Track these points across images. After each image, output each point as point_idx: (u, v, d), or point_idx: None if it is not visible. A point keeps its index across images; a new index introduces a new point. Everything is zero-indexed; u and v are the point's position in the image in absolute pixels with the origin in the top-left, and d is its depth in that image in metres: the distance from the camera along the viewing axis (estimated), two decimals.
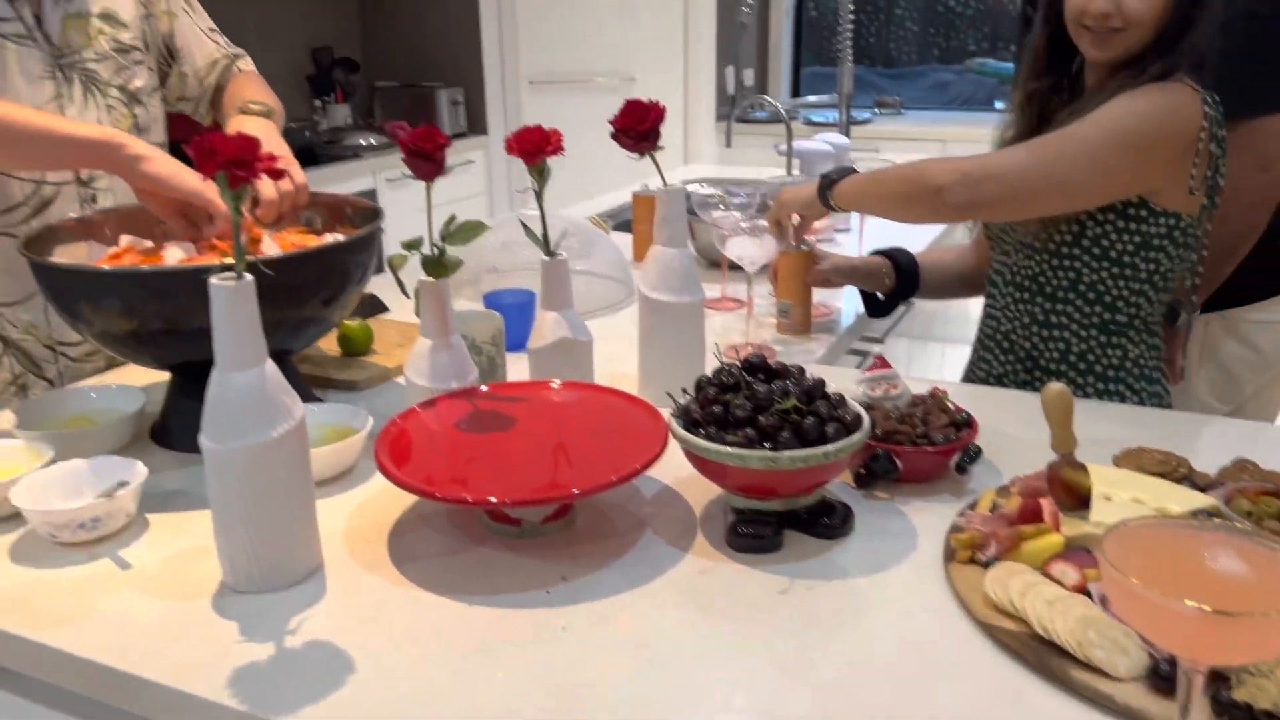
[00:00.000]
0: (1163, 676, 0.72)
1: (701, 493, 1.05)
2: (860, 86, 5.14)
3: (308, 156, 3.44)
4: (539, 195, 1.13)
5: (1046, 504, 0.91)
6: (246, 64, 1.56)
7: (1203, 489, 0.96)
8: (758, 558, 0.93)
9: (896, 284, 1.57)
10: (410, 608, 0.87)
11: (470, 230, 1.06)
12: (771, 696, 0.75)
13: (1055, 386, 0.92)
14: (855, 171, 1.43)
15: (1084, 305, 1.35)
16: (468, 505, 0.94)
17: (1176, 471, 1.00)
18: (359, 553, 0.96)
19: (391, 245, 1.24)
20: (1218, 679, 0.71)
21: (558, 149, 1.09)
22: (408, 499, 1.05)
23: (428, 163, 1.01)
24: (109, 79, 1.37)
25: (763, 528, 0.94)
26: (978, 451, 1.06)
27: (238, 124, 1.33)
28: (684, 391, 1.02)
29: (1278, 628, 0.53)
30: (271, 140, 1.29)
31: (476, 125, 4.04)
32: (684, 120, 4.77)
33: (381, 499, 1.06)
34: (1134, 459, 1.03)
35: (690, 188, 1.97)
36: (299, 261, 1.07)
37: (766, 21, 5.17)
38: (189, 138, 0.78)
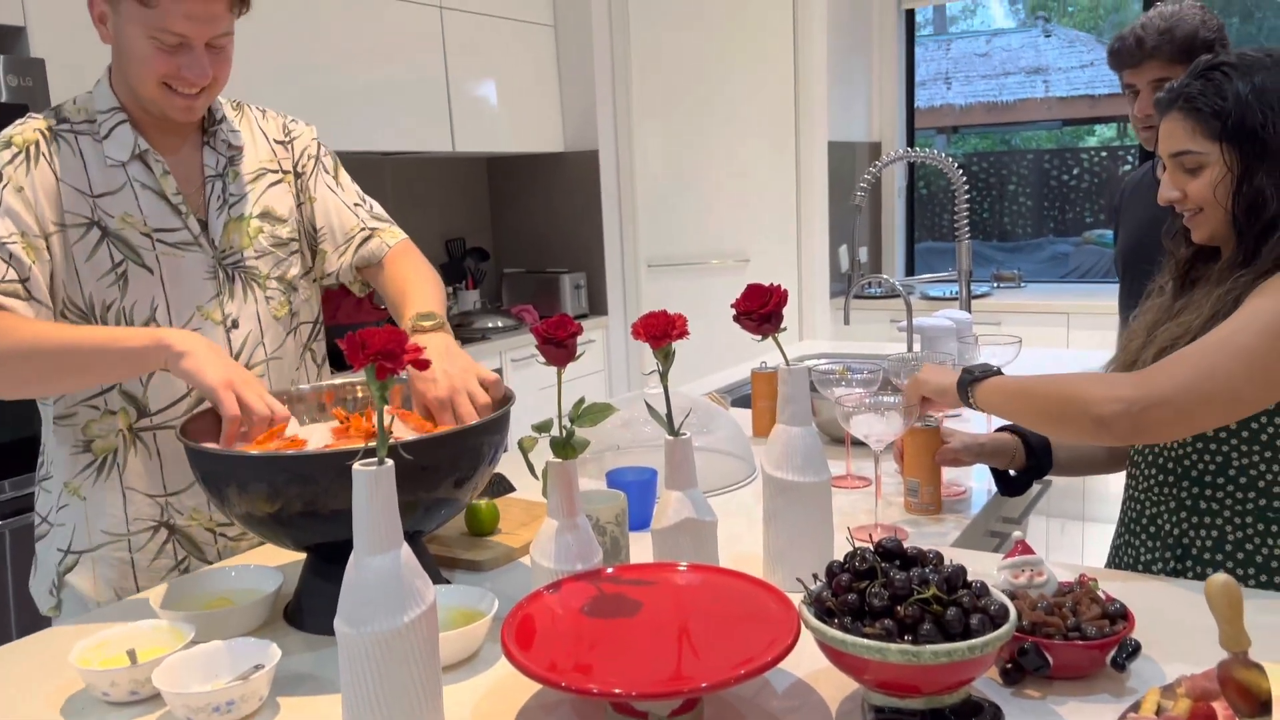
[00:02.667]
0: None
1: (837, 687, 1.00)
2: (977, 260, 5.16)
3: None
4: (663, 377, 1.15)
5: (1220, 708, 0.83)
6: (390, 236, 1.56)
7: None
8: None
9: (1028, 461, 1.52)
10: None
11: (598, 413, 1.08)
12: None
13: (1220, 578, 0.86)
14: (999, 371, 1.36)
15: (1237, 491, 1.26)
16: (594, 697, 0.91)
17: None
18: None
19: (517, 423, 1.27)
20: None
21: (683, 333, 1.12)
22: (532, 686, 1.03)
23: (559, 349, 1.05)
24: (268, 272, 1.48)
25: None
26: (1137, 646, 0.98)
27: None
28: (815, 577, 0.99)
29: None
30: (455, 360, 1.28)
31: (597, 306, 4.19)
32: (799, 298, 4.84)
33: (506, 684, 1.04)
34: None
35: (809, 364, 1.98)
36: (435, 444, 1.11)
37: (879, 201, 5.29)
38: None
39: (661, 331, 1.12)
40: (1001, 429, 1.55)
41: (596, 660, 0.96)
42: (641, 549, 1.36)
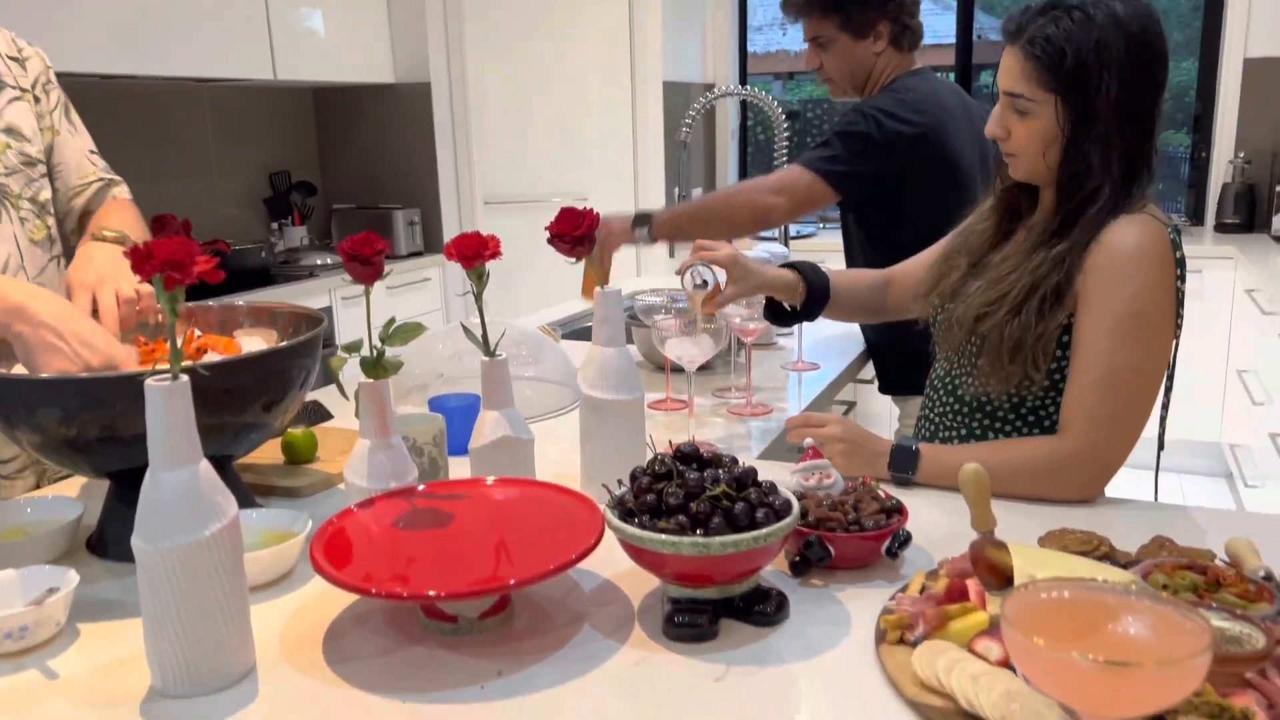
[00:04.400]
0: None
1: (640, 585, 1.06)
2: None
3: (263, 277, 3.49)
4: (478, 298, 1.16)
5: (972, 584, 0.93)
6: (122, 191, 1.53)
7: (1124, 566, 0.99)
8: (694, 647, 0.94)
9: (806, 302, 1.59)
10: (342, 707, 0.86)
11: (409, 332, 1.09)
12: None
13: (971, 467, 0.96)
14: (917, 450, 1.30)
15: (1024, 427, 1.36)
16: (403, 601, 0.94)
17: (1098, 550, 1.03)
18: (293, 655, 0.95)
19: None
20: None
21: (495, 253, 1.13)
22: (344, 601, 1.04)
23: (365, 266, 1.04)
24: (19, 192, 1.39)
25: (698, 616, 0.95)
26: (908, 536, 1.08)
27: (86, 251, 1.32)
28: (619, 483, 1.04)
29: (1164, 679, 0.55)
30: (119, 265, 1.26)
31: (433, 244, 4.13)
32: None
33: (319, 602, 1.05)
34: (1058, 539, 1.06)
35: (641, 298, 2.03)
36: (239, 366, 1.09)
37: (713, 143, 5.38)
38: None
39: (474, 251, 1.14)
40: (786, 265, 1.61)
41: (410, 571, 0.98)
42: (462, 474, 1.38)
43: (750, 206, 2.01)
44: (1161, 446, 1.50)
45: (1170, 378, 1.34)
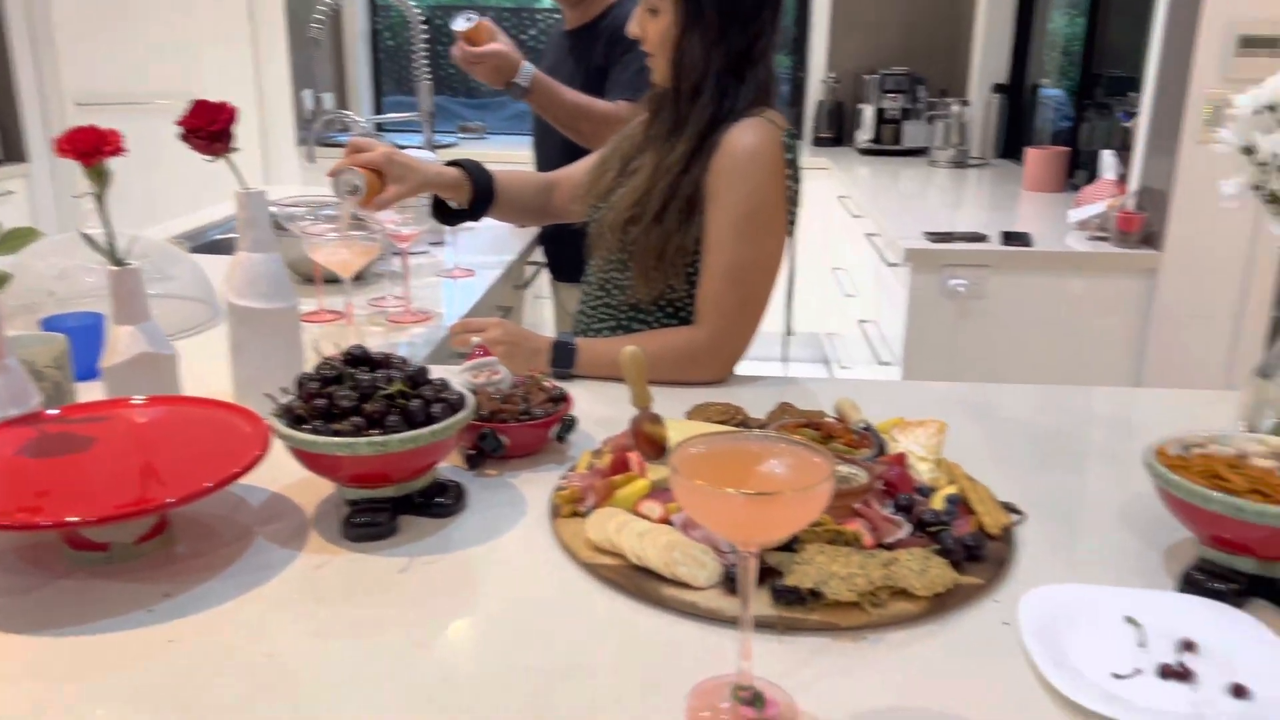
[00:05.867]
0: (732, 579, 0.84)
1: (312, 493, 1.04)
2: (445, 115, 5.24)
3: None
4: (99, 199, 1.05)
5: (634, 456, 1.02)
6: None
7: (757, 429, 1.13)
8: (375, 544, 0.95)
9: (472, 199, 1.57)
10: None
11: (20, 238, 0.97)
12: (398, 663, 0.77)
13: (629, 349, 1.04)
14: (573, 344, 1.39)
15: (663, 317, 1.46)
16: (41, 530, 0.85)
17: (735, 418, 1.17)
18: None
19: None
20: (772, 574, 0.84)
21: (118, 149, 1.03)
22: None
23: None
24: None
25: (378, 515, 0.96)
26: (573, 421, 1.15)
27: None
28: (284, 391, 1.00)
29: (800, 504, 0.65)
30: None
31: (13, 153, 3.57)
32: (262, 142, 4.56)
33: None
34: (702, 412, 1.18)
35: (275, 209, 1.91)
36: None
37: (341, 48, 5.10)
38: None
39: (92, 147, 1.02)
40: (451, 163, 1.59)
41: (42, 502, 0.88)
42: (95, 398, 1.26)
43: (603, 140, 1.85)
44: (790, 332, 1.70)
45: (792, 271, 1.52)
